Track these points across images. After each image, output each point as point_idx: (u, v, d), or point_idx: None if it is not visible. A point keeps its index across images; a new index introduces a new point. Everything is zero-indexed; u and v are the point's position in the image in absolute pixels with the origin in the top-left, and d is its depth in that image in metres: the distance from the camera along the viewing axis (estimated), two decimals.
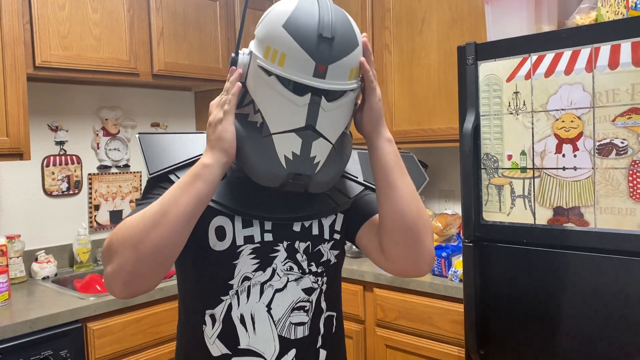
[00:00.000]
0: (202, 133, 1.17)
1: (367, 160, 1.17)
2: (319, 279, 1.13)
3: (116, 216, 2.90)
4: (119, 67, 2.51)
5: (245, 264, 1.09)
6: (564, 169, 1.71)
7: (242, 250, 1.09)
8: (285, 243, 1.11)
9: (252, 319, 1.08)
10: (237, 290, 1.09)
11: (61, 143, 2.71)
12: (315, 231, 1.14)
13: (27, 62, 2.21)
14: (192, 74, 2.81)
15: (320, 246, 1.14)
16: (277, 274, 1.10)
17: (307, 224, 1.14)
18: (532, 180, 1.78)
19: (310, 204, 1.13)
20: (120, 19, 2.51)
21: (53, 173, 2.67)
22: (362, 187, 1.20)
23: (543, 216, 1.76)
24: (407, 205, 1.04)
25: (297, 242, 1.12)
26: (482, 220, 1.90)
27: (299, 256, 1.12)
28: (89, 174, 2.81)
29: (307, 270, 1.12)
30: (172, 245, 0.94)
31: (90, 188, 2.81)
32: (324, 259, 1.14)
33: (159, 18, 2.65)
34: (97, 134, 2.84)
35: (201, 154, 1.04)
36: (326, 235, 1.15)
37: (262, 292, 1.09)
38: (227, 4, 2.99)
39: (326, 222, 1.16)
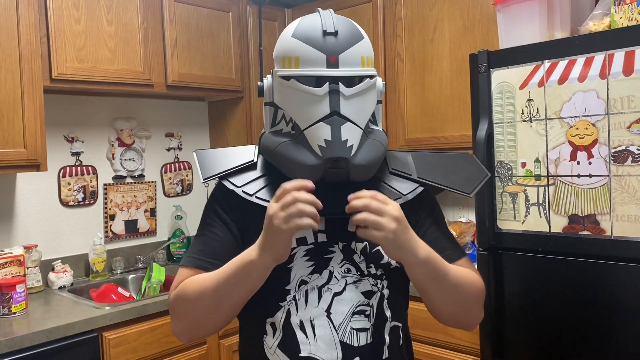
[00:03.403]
0: (252, 145, 1.22)
1: (420, 160, 1.20)
2: (379, 281, 1.10)
3: (131, 226, 2.93)
4: (133, 78, 2.54)
5: (300, 267, 1.08)
6: (578, 176, 1.69)
7: (295, 253, 1.08)
8: (340, 244, 1.09)
9: (312, 324, 1.06)
10: (294, 296, 1.07)
11: (77, 154, 2.74)
12: None
13: (44, 74, 2.25)
14: (206, 85, 2.84)
15: (379, 247, 1.09)
16: (335, 277, 1.08)
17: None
18: (547, 188, 1.76)
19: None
20: (135, 31, 2.55)
21: (69, 183, 2.70)
22: (416, 185, 1.15)
23: (558, 224, 1.74)
24: (445, 306, 1.12)
25: (354, 243, 1.09)
26: (496, 229, 1.88)
27: (356, 257, 1.09)
28: (105, 184, 2.84)
29: (365, 272, 1.09)
30: (228, 322, 1.11)
31: (106, 198, 2.84)
32: (384, 261, 1.10)
33: (173, 30, 2.68)
34: (112, 145, 2.87)
35: (251, 161, 1.15)
36: None
37: (320, 296, 1.07)
38: (240, 15, 3.02)
39: None
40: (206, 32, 2.84)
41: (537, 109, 1.77)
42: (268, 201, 1.06)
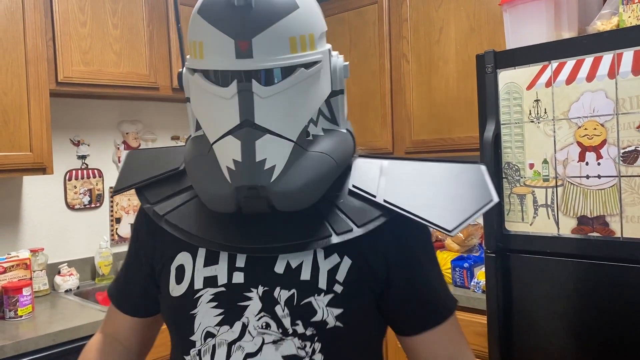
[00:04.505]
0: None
1: (397, 172, 0.86)
2: (308, 344, 0.80)
3: None
4: (139, 81, 2.54)
5: (206, 314, 0.82)
6: (587, 177, 1.67)
7: (200, 296, 0.83)
8: (260, 288, 0.82)
9: None
10: (199, 350, 0.83)
11: (83, 157, 2.74)
12: (305, 275, 0.82)
13: (50, 78, 2.25)
14: None
15: (312, 298, 0.80)
16: (249, 332, 0.81)
17: (294, 263, 0.82)
18: (555, 189, 1.75)
19: (298, 231, 0.81)
20: (140, 34, 2.55)
21: (75, 187, 2.71)
22: (379, 213, 0.82)
23: (567, 226, 1.72)
24: None
25: (278, 289, 0.81)
26: (504, 231, 1.87)
27: (278, 309, 0.80)
28: (111, 188, 2.84)
29: (289, 331, 0.80)
30: None
31: (112, 201, 2.84)
32: (317, 318, 0.80)
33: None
34: (118, 148, 2.87)
35: (176, 169, 0.93)
36: (321, 284, 0.81)
37: (229, 354, 0.81)
38: None
39: (324, 266, 0.82)
40: None
41: (545, 109, 1.76)
42: (177, 227, 0.85)
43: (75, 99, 2.70)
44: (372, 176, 0.86)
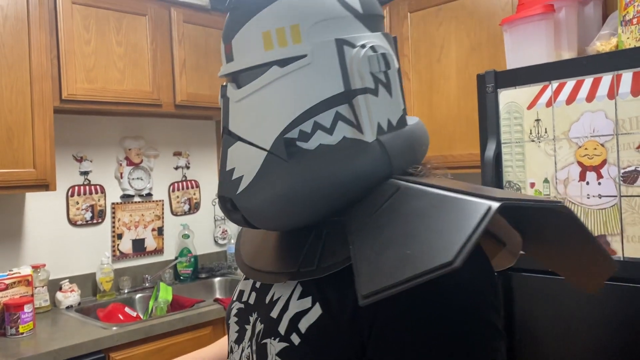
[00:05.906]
0: None
1: (401, 204, 0.62)
2: None
3: (139, 245, 2.93)
4: (142, 98, 2.56)
5: (232, 328, 0.81)
6: (588, 197, 1.68)
7: (232, 308, 0.83)
8: (255, 315, 0.76)
9: None
10: None
11: (85, 173, 2.76)
12: (275, 312, 0.71)
13: (54, 95, 2.27)
14: (214, 104, 2.86)
15: (269, 340, 0.69)
16: None
17: (276, 295, 0.72)
18: None
19: (284, 257, 0.74)
20: (144, 51, 2.57)
21: (77, 203, 2.71)
22: (344, 257, 0.62)
23: None
24: None
25: (259, 321, 0.74)
26: None
27: (253, 344, 0.73)
28: (113, 203, 2.85)
29: None
30: None
31: (114, 217, 2.84)
32: None
33: (182, 50, 2.71)
34: (121, 164, 2.88)
35: None
36: (281, 327, 0.68)
37: None
38: None
39: (293, 307, 0.68)
40: (214, 51, 2.87)
41: (545, 129, 1.77)
42: (241, 232, 0.90)
43: (79, 116, 2.72)
44: (376, 204, 0.64)
